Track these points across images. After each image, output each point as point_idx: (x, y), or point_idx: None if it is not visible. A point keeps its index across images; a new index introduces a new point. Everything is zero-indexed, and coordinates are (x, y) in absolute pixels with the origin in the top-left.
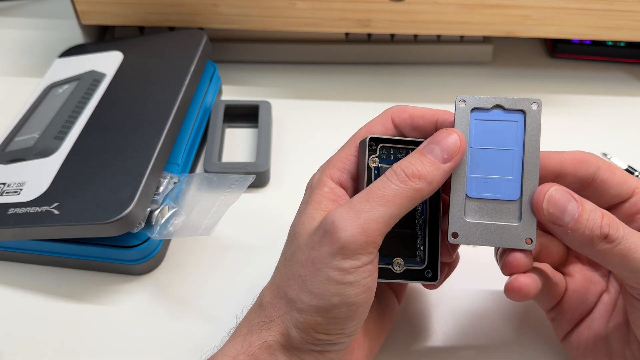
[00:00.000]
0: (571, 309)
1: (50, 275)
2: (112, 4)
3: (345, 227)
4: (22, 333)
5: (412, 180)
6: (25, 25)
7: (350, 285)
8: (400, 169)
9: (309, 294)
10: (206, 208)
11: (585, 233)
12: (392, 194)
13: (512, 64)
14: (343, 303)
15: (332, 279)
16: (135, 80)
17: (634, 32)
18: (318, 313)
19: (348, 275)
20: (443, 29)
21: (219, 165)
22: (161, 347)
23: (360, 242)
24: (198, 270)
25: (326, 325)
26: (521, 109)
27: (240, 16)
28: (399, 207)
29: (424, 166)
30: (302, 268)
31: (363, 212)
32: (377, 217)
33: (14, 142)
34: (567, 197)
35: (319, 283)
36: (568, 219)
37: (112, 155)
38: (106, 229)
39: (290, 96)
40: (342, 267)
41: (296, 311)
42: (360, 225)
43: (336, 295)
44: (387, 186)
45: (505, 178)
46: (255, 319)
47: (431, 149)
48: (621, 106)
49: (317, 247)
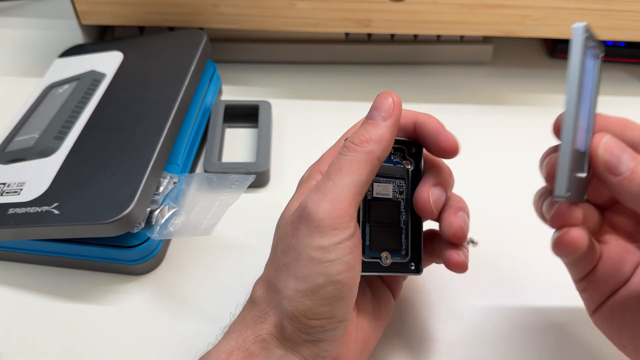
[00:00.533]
0: (605, 277)
1: (50, 275)
2: (112, 4)
3: (317, 206)
4: (22, 333)
5: (361, 146)
6: (25, 25)
7: (332, 262)
8: (348, 141)
9: (294, 279)
10: (206, 208)
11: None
12: (347, 164)
13: (512, 64)
14: (328, 282)
15: (314, 259)
16: (135, 80)
17: (634, 32)
18: (305, 297)
19: (329, 254)
20: (443, 29)
21: (219, 165)
22: (161, 347)
23: (334, 216)
24: (198, 270)
25: (315, 309)
26: (598, 52)
27: (240, 16)
28: (359, 173)
29: (368, 130)
30: (284, 256)
31: (328, 188)
32: (341, 188)
33: (14, 142)
34: (622, 147)
35: (302, 267)
36: (624, 167)
37: (112, 155)
38: (106, 229)
39: (290, 96)
40: (321, 245)
41: (285, 300)
42: (329, 200)
43: (320, 275)
44: (341, 159)
45: (584, 126)
46: (248, 315)
47: (371, 115)
48: (621, 106)
49: (294, 232)
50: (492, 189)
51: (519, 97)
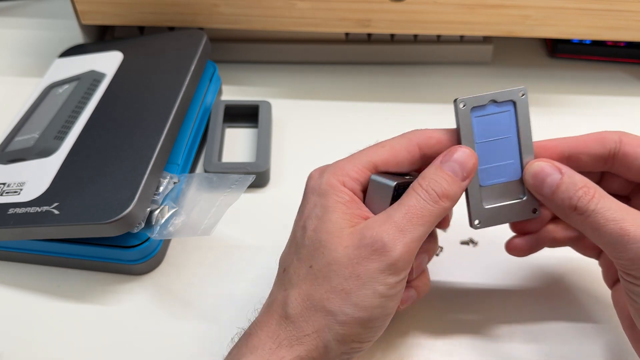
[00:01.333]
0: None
1: (50, 275)
2: (112, 4)
3: (395, 246)
4: (22, 333)
5: (442, 201)
6: (25, 25)
7: (392, 298)
8: (431, 188)
9: (353, 306)
10: (206, 208)
11: (558, 204)
12: (428, 214)
13: (512, 64)
14: (384, 314)
15: (379, 293)
16: (135, 80)
17: (634, 32)
18: (360, 324)
19: (392, 289)
20: (443, 29)
21: (219, 165)
22: (161, 347)
23: (406, 260)
24: (198, 270)
25: (364, 335)
26: (511, 99)
27: (241, 16)
28: (431, 226)
29: (450, 185)
30: (345, 282)
31: (407, 231)
32: (417, 236)
33: (14, 142)
34: (549, 170)
35: (364, 296)
36: (547, 189)
37: (112, 155)
38: (106, 229)
39: (290, 96)
40: (389, 282)
41: (338, 324)
42: (406, 244)
43: (379, 307)
44: (424, 206)
45: (508, 162)
46: (282, 333)
47: (452, 167)
48: (621, 106)
49: (364, 262)
50: None
51: None
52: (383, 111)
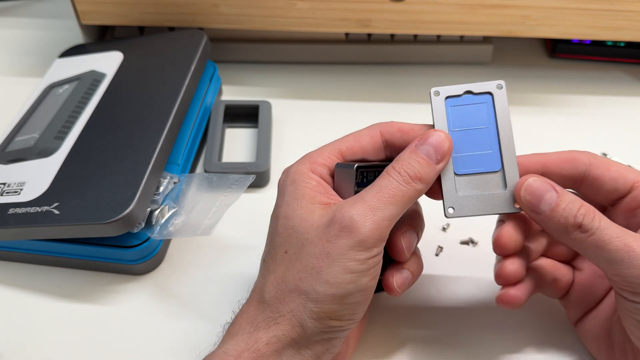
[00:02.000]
0: (577, 299)
1: (50, 275)
2: (112, 4)
3: (364, 223)
4: (22, 333)
5: (414, 182)
6: (25, 25)
7: (364, 273)
8: (404, 170)
9: (324, 284)
10: (206, 208)
11: (560, 221)
12: (400, 195)
13: (512, 64)
14: (357, 290)
15: (349, 269)
16: (135, 80)
17: (634, 32)
18: (334, 301)
19: (363, 265)
20: (443, 29)
21: (219, 165)
22: (161, 347)
23: (376, 238)
24: (198, 270)
25: (340, 312)
26: (488, 91)
27: (241, 16)
28: (404, 206)
29: (423, 168)
30: (316, 260)
31: (377, 210)
32: (389, 215)
33: (14, 142)
34: (545, 187)
35: (335, 273)
36: (545, 207)
37: (112, 155)
38: (106, 229)
39: (290, 96)
40: (358, 259)
41: (311, 302)
42: (376, 222)
43: (351, 283)
44: (396, 187)
45: (485, 153)
46: (259, 316)
47: (426, 151)
48: (621, 106)
49: (333, 240)
50: None
51: (519, 97)
52: (383, 111)
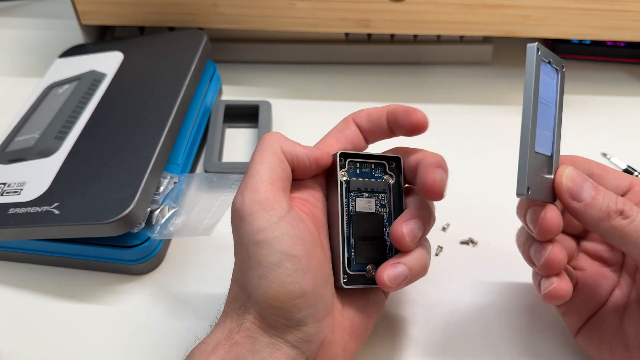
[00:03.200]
0: (582, 302)
1: (50, 275)
2: (112, 4)
3: (241, 199)
4: (22, 333)
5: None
6: (26, 25)
7: (278, 239)
8: None
9: (252, 269)
10: (206, 208)
11: (602, 208)
12: (258, 155)
13: (512, 64)
14: (282, 258)
15: (260, 242)
16: (135, 80)
17: (634, 32)
18: (268, 280)
19: (271, 233)
20: (443, 29)
21: (219, 165)
22: (161, 346)
23: (260, 200)
24: (198, 270)
25: (283, 290)
26: (558, 67)
27: (241, 16)
28: (266, 160)
29: None
30: (237, 255)
31: (247, 183)
32: (258, 175)
33: (14, 142)
34: (584, 177)
35: (252, 254)
36: (586, 195)
37: (112, 155)
38: (106, 228)
39: (290, 96)
40: (260, 228)
41: (254, 291)
42: (249, 189)
43: (271, 254)
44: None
45: (547, 133)
46: (231, 309)
47: None
48: (621, 106)
49: (235, 231)
50: (492, 189)
51: (519, 97)
52: None
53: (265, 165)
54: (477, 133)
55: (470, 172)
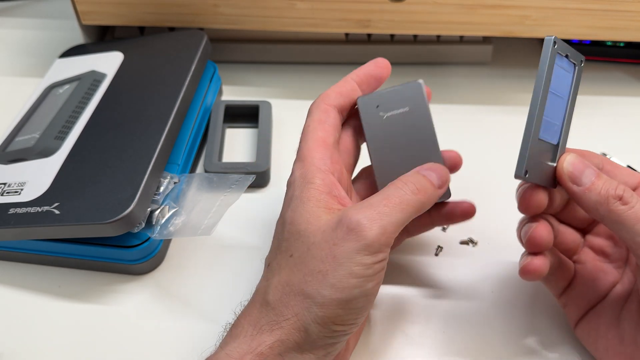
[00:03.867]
0: (581, 294)
1: (50, 275)
2: (113, 4)
3: (372, 227)
4: (22, 333)
5: (420, 194)
6: (26, 26)
7: (370, 278)
8: (410, 182)
9: (330, 287)
10: (206, 208)
11: (601, 192)
12: (406, 203)
13: (512, 64)
14: (362, 294)
15: (355, 273)
16: (135, 80)
17: (634, 32)
18: (339, 306)
19: (369, 270)
20: (443, 29)
21: (219, 165)
22: (161, 347)
23: (382, 242)
24: (198, 270)
25: (345, 317)
26: (576, 61)
27: (241, 16)
28: (409, 215)
29: (427, 186)
30: (322, 264)
31: (384, 215)
32: (395, 221)
33: (14, 142)
34: (585, 163)
35: (341, 277)
36: (586, 179)
37: (112, 156)
38: (106, 229)
39: (290, 96)
40: (365, 263)
41: (316, 306)
42: (383, 226)
43: (357, 287)
44: (403, 195)
45: (555, 123)
46: (262, 319)
47: (430, 175)
48: (621, 106)
49: (340, 243)
50: (492, 189)
51: (519, 97)
52: None
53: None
54: (477, 133)
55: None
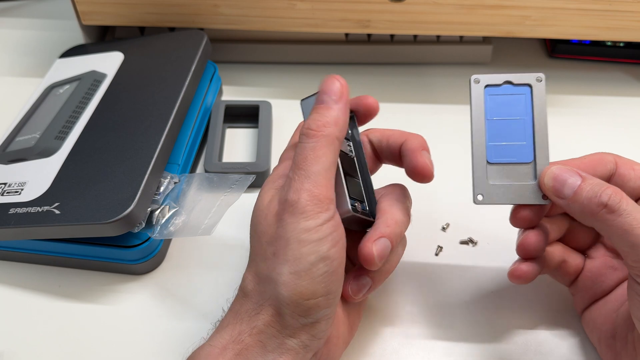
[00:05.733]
0: (585, 287)
1: (50, 275)
2: (113, 4)
3: (297, 196)
4: (22, 333)
5: (319, 131)
6: (26, 26)
7: (320, 241)
8: (305, 128)
9: (286, 263)
10: (206, 208)
11: (584, 203)
12: (311, 152)
13: (511, 64)
14: (319, 259)
15: (303, 241)
16: (135, 80)
17: (634, 32)
18: (300, 277)
19: (316, 234)
20: (443, 29)
21: (219, 165)
22: (162, 346)
23: (315, 201)
24: (198, 270)
25: (311, 288)
26: (527, 83)
27: (241, 17)
28: (325, 158)
29: (322, 115)
30: (272, 246)
31: (302, 178)
32: (315, 175)
33: (14, 142)
34: (569, 173)
35: (292, 250)
36: (568, 191)
37: (112, 156)
38: (107, 228)
39: (290, 96)
40: (308, 228)
41: (281, 286)
42: (307, 189)
43: (311, 254)
44: (305, 148)
45: (519, 144)
46: (241, 308)
47: (322, 99)
48: (621, 106)
49: (279, 224)
50: None
51: None
52: (383, 111)
53: (325, 163)
54: None
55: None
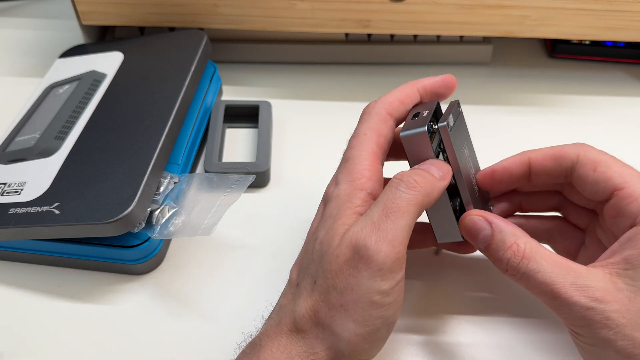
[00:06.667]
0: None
1: (50, 275)
2: (113, 4)
3: (377, 247)
4: (22, 333)
5: (419, 186)
6: (26, 26)
7: (390, 305)
8: (405, 177)
9: (353, 322)
10: (206, 208)
11: (496, 257)
12: (406, 204)
13: (511, 64)
14: (385, 324)
15: (375, 303)
16: (135, 80)
17: (634, 32)
18: (364, 340)
19: (387, 297)
20: (443, 29)
21: (219, 165)
22: (161, 347)
23: (393, 259)
24: (198, 270)
25: (370, 350)
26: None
27: (241, 16)
28: (413, 216)
29: (426, 178)
30: (341, 297)
31: (388, 229)
32: (400, 230)
33: (14, 142)
34: (481, 226)
35: (362, 310)
36: (480, 244)
37: (112, 156)
38: (107, 228)
39: (290, 96)
40: (382, 290)
41: (343, 342)
42: (390, 242)
43: (379, 318)
44: (400, 196)
45: None
46: (294, 349)
47: (428, 168)
48: (621, 106)
49: (353, 272)
50: None
51: (518, 97)
52: None
53: (411, 220)
54: (477, 133)
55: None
